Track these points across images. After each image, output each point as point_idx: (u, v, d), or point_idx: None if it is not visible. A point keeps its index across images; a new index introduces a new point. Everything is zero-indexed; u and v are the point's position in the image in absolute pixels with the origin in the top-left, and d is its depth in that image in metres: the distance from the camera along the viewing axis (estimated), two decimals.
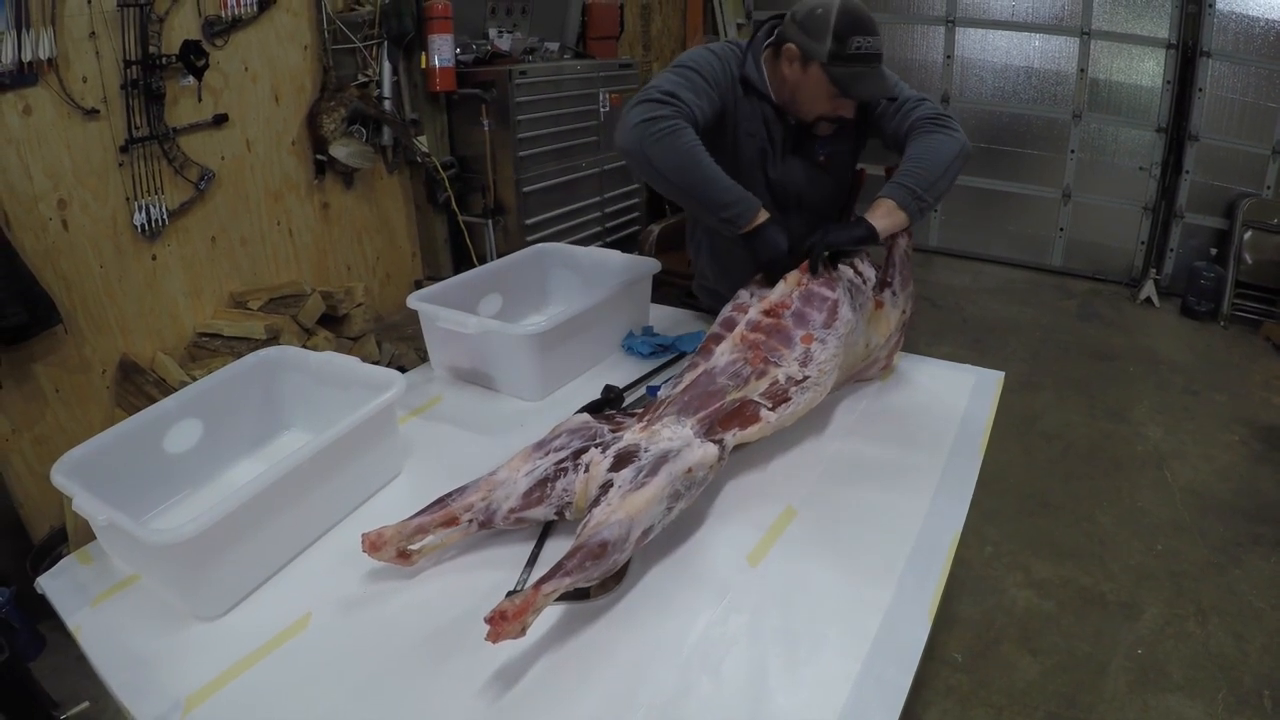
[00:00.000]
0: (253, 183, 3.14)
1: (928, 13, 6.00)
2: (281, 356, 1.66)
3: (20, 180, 2.43)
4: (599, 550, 1.12)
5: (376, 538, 1.23)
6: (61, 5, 2.44)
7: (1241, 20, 5.05)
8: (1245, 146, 5.23)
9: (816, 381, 1.52)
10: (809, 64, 1.75)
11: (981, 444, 1.66)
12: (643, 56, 5.73)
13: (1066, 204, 5.91)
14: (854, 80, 1.72)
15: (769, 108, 1.90)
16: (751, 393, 1.47)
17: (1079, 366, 4.46)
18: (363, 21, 3.38)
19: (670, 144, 1.63)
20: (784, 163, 1.96)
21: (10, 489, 2.54)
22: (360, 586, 1.25)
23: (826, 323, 1.57)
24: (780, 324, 1.58)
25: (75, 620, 1.22)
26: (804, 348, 1.54)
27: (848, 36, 1.68)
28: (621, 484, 1.22)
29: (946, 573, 1.27)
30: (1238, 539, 2.96)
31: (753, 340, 1.56)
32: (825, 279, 1.64)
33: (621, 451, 1.29)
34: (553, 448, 1.34)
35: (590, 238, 4.33)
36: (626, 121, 1.67)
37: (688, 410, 1.39)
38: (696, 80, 1.75)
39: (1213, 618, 2.57)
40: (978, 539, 2.91)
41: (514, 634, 1.02)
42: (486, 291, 2.13)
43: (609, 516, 1.16)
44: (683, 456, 1.28)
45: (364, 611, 1.21)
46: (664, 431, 1.33)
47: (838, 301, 1.60)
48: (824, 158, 1.98)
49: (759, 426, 1.43)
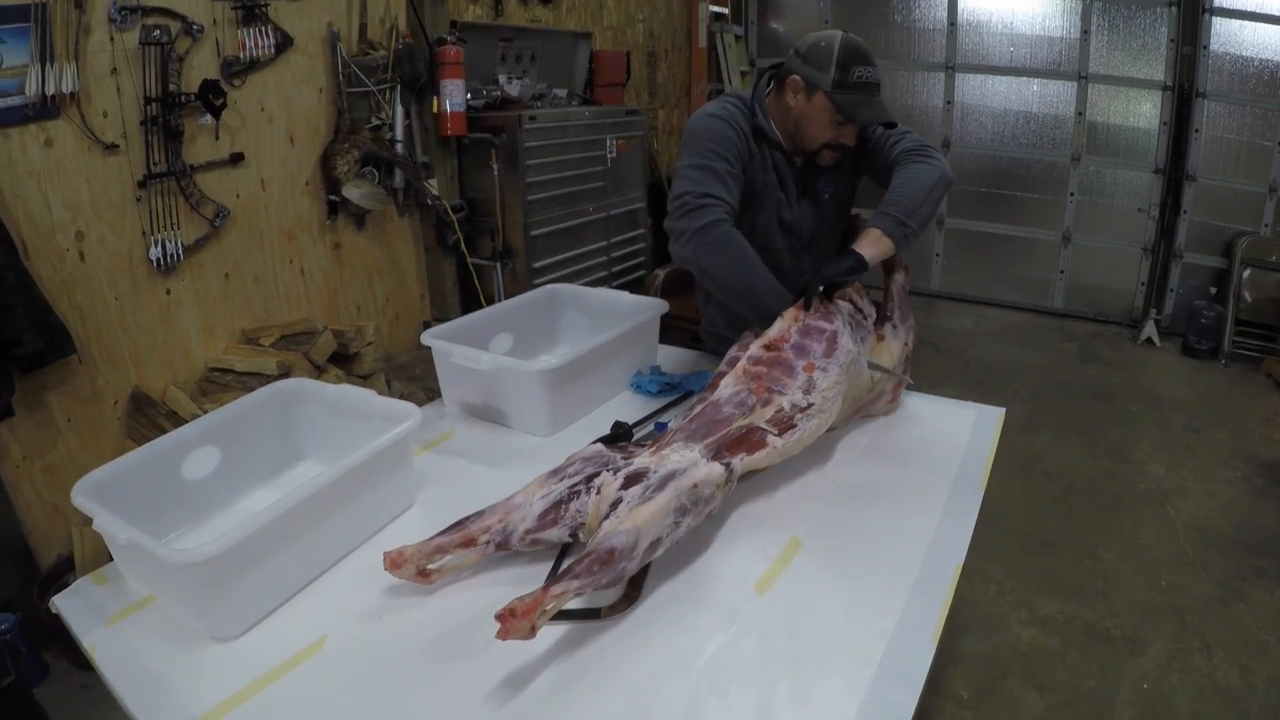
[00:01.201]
0: (267, 221, 3.20)
1: (928, 59, 6.12)
2: (298, 388, 1.71)
3: (40, 211, 2.49)
4: (607, 556, 1.16)
5: (397, 555, 1.27)
6: (85, 41, 2.51)
7: (1235, 61, 5.16)
8: (1242, 185, 5.32)
9: (821, 409, 1.56)
10: (814, 93, 1.85)
11: (983, 477, 1.68)
12: (649, 103, 5.84)
13: (1067, 246, 5.98)
14: (856, 106, 1.82)
15: (779, 154, 1.99)
16: (757, 420, 1.50)
17: (1080, 407, 4.49)
18: (376, 66, 3.46)
19: (723, 253, 1.77)
20: (797, 205, 2.04)
21: (19, 515, 2.55)
22: (375, 608, 1.28)
23: (827, 352, 1.62)
24: (781, 356, 1.62)
25: (90, 639, 1.24)
26: (806, 376, 1.58)
27: (850, 66, 1.80)
28: (630, 500, 1.26)
29: (950, 599, 1.30)
30: (1241, 573, 2.97)
31: (755, 372, 1.60)
32: (823, 312, 1.69)
33: (631, 473, 1.33)
34: (567, 474, 1.38)
35: (597, 281, 4.37)
36: (675, 233, 1.79)
37: (695, 436, 1.43)
38: (721, 166, 1.84)
39: (1218, 651, 2.57)
40: (981, 577, 2.92)
41: (522, 633, 1.05)
42: (498, 330, 2.18)
43: (617, 526, 1.20)
44: (689, 474, 1.32)
45: (378, 635, 1.23)
46: (673, 456, 1.37)
47: (836, 332, 1.65)
48: (828, 195, 2.07)
49: (765, 452, 1.46)
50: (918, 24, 6.11)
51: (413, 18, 3.63)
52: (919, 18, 6.09)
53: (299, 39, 3.17)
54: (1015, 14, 5.79)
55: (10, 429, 2.47)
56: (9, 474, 2.51)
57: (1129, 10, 5.43)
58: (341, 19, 3.35)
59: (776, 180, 2.00)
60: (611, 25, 5.32)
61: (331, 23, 3.30)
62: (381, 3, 3.51)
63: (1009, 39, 5.86)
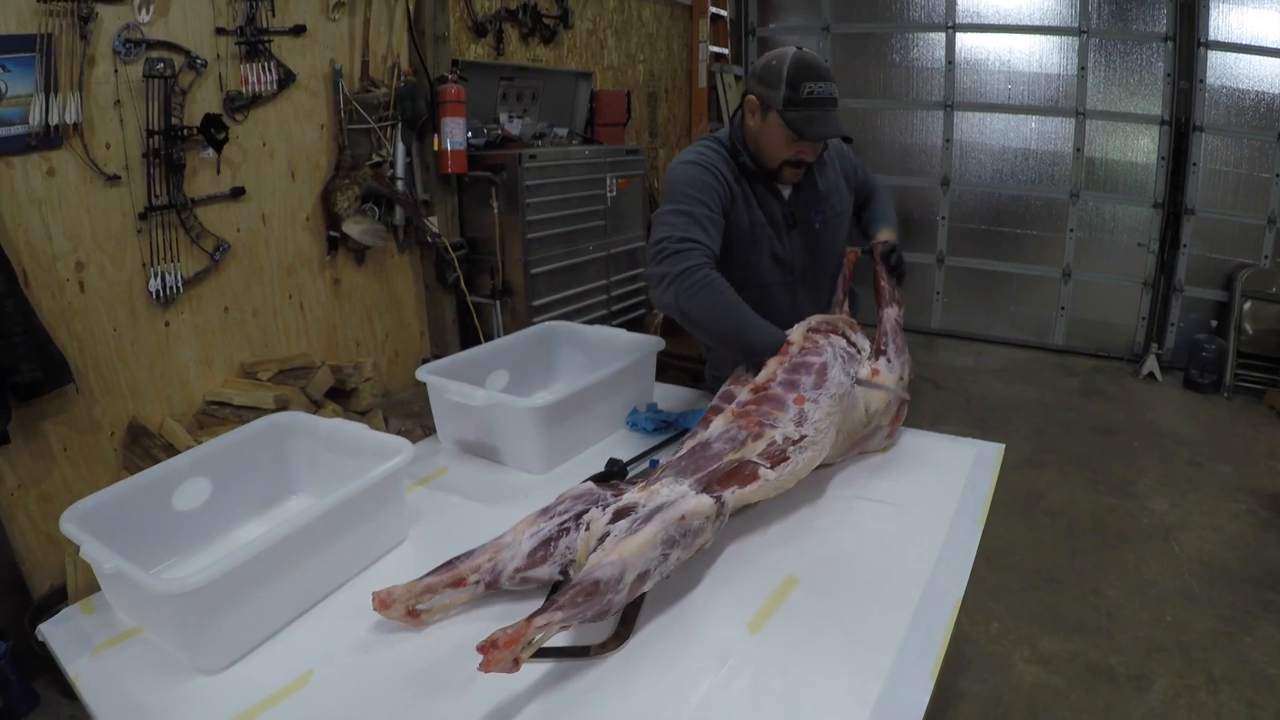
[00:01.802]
0: (267, 256, 3.22)
1: (927, 98, 6.16)
2: (292, 422, 1.70)
3: (40, 240, 2.50)
4: (592, 588, 1.15)
5: (386, 596, 1.25)
6: (89, 72, 2.53)
7: (1232, 94, 5.21)
8: (1241, 218, 5.34)
9: (814, 440, 1.55)
10: (768, 112, 1.88)
11: (982, 513, 1.67)
12: (649, 143, 5.87)
13: (1067, 283, 5.98)
14: (807, 123, 1.84)
15: (765, 188, 2.00)
16: (749, 454, 1.50)
17: (1082, 443, 4.46)
18: (378, 103, 3.49)
19: (704, 298, 1.76)
20: (788, 238, 2.05)
21: (13, 544, 2.54)
22: (363, 643, 1.27)
23: (816, 384, 1.62)
24: (771, 393, 1.62)
25: (75, 668, 1.24)
26: (798, 409, 1.58)
27: (800, 83, 1.82)
28: (618, 533, 1.25)
29: (948, 637, 1.28)
30: (1247, 607, 2.94)
31: (745, 410, 1.59)
32: (811, 347, 1.69)
33: (620, 509, 1.32)
34: (557, 512, 1.37)
35: (597, 320, 4.35)
36: (655, 279, 1.79)
37: (685, 473, 1.42)
38: (700, 211, 1.85)
39: (1225, 687, 2.53)
40: (983, 615, 2.89)
41: (505, 665, 1.04)
42: (494, 367, 2.18)
43: (603, 559, 1.19)
44: (676, 505, 1.31)
45: (364, 670, 1.22)
46: (662, 490, 1.36)
47: (826, 364, 1.65)
48: (819, 224, 2.08)
49: (758, 485, 1.45)
50: (916, 63, 6.17)
51: (415, 56, 3.67)
52: (917, 57, 6.15)
53: (301, 75, 3.20)
54: (1013, 52, 5.85)
55: (6, 457, 2.46)
56: (3, 502, 2.49)
57: (1125, 46, 5.49)
58: (344, 56, 3.39)
59: (765, 218, 2.01)
60: (612, 65, 5.37)
61: (334, 60, 3.34)
62: (384, 41, 3.55)
63: (1007, 77, 5.92)
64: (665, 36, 5.97)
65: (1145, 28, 5.41)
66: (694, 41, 6.20)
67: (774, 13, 6.78)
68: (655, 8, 5.78)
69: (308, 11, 3.20)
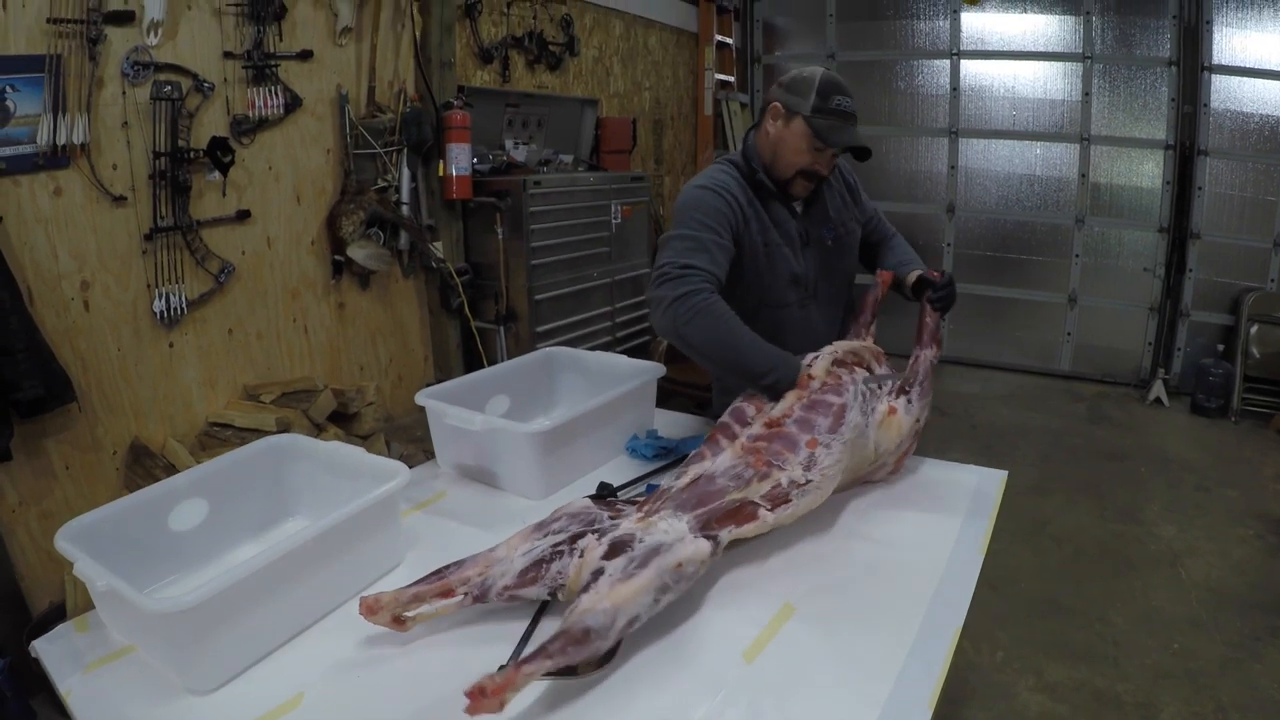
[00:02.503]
0: (271, 279, 3.23)
1: (932, 125, 6.20)
2: (291, 444, 1.70)
3: (46, 259, 2.51)
4: (582, 636, 1.13)
5: (374, 602, 1.26)
6: (97, 93, 2.55)
7: (1236, 117, 5.23)
8: (1247, 241, 5.35)
9: (819, 485, 1.54)
10: (792, 118, 1.93)
11: (984, 542, 1.65)
12: (655, 170, 5.90)
13: (1073, 308, 5.98)
14: (831, 130, 1.89)
15: (780, 206, 2.03)
16: (752, 494, 1.48)
17: (1089, 469, 4.44)
18: (384, 129, 3.51)
19: (701, 323, 1.74)
20: (803, 254, 2.07)
21: (13, 561, 2.53)
22: (354, 669, 1.26)
23: (832, 427, 1.59)
24: (784, 430, 1.60)
25: (67, 685, 1.23)
26: (809, 452, 1.55)
27: (830, 94, 1.90)
28: (612, 573, 1.23)
29: (947, 665, 1.26)
30: (1256, 633, 2.91)
31: (755, 447, 1.58)
32: (833, 384, 1.67)
33: (616, 540, 1.30)
34: (552, 530, 1.36)
35: (601, 346, 4.34)
36: (655, 303, 1.80)
37: (685, 506, 1.41)
38: (707, 237, 1.85)
39: (1233, 715, 2.50)
40: (988, 643, 2.86)
41: (492, 710, 1.03)
42: (495, 392, 2.18)
43: (595, 605, 1.18)
44: (674, 551, 1.29)
45: (356, 693, 1.21)
46: (660, 524, 1.35)
47: (845, 405, 1.63)
48: (830, 241, 2.12)
49: (755, 525, 1.44)
50: (921, 90, 6.21)
51: (421, 82, 3.70)
52: (922, 84, 6.19)
53: (308, 100, 3.22)
54: (1017, 78, 5.89)
55: (8, 474, 2.46)
56: (4, 518, 2.49)
57: (1129, 71, 5.53)
58: (350, 81, 3.42)
59: (780, 236, 2.02)
60: (618, 92, 5.41)
61: (340, 85, 3.36)
62: (390, 66, 3.58)
63: (1011, 103, 5.95)
64: (671, 64, 6.01)
65: (1149, 52, 5.45)
66: (700, 69, 6.25)
67: (780, 41, 6.84)
68: (661, 35, 5.83)
69: (315, 37, 3.24)
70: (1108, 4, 5.50)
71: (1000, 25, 5.88)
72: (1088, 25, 5.56)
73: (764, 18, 6.80)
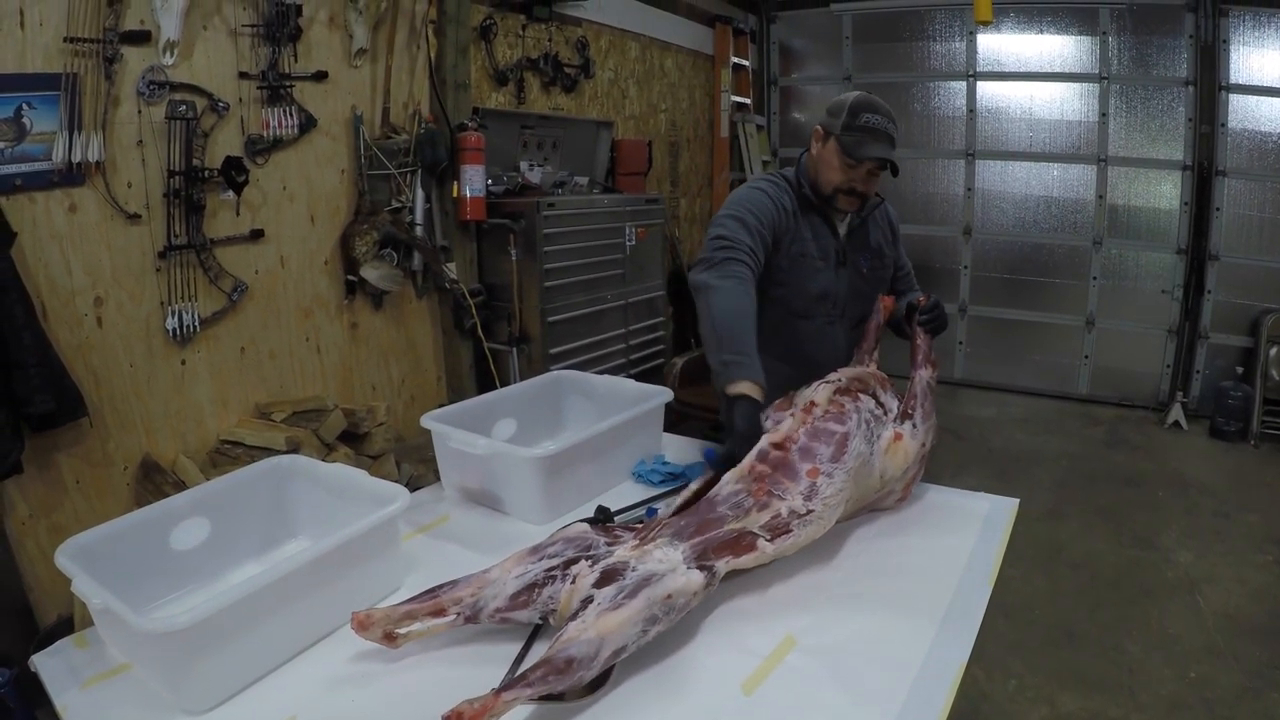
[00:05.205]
0: (284, 298, 3.24)
1: (948, 147, 6.18)
2: (293, 465, 1.71)
3: (60, 275, 2.53)
4: (564, 666, 1.13)
5: (366, 618, 1.27)
6: (113, 112, 2.58)
7: (1254, 137, 5.19)
8: (1266, 262, 5.29)
9: (820, 515, 1.52)
10: (828, 139, 2.05)
11: (993, 572, 1.62)
12: (670, 192, 5.90)
13: (1090, 331, 5.93)
14: (857, 145, 2.00)
15: (823, 222, 2.15)
16: (751, 524, 1.47)
17: (1106, 494, 4.38)
18: (398, 149, 3.53)
19: (726, 288, 1.88)
20: (836, 273, 2.17)
21: (22, 572, 2.54)
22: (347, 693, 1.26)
23: (835, 456, 1.58)
24: (786, 458, 1.58)
25: (63, 701, 1.24)
26: (810, 481, 1.54)
27: (860, 113, 2.01)
28: (601, 602, 1.22)
29: (952, 697, 1.24)
30: (1274, 662, 2.86)
31: (759, 472, 1.56)
32: (835, 412, 1.66)
33: (608, 568, 1.29)
34: (547, 554, 1.36)
35: (614, 369, 4.33)
36: (702, 263, 1.95)
37: (682, 535, 1.40)
38: (753, 222, 2.01)
39: None
40: (1001, 672, 2.81)
41: None
42: (502, 415, 2.18)
43: (580, 634, 1.17)
44: (664, 582, 1.28)
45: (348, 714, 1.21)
46: (655, 553, 1.33)
47: (848, 434, 1.61)
48: (867, 269, 2.23)
49: (754, 555, 1.43)
50: (937, 112, 6.20)
51: (435, 103, 3.72)
52: (938, 105, 6.19)
53: (323, 120, 3.25)
54: (1034, 100, 5.87)
55: (19, 486, 2.48)
56: (14, 530, 2.50)
57: (1146, 92, 5.50)
58: (365, 102, 3.44)
59: (818, 250, 2.14)
60: (634, 114, 5.43)
61: (355, 106, 3.39)
62: (405, 87, 3.61)
63: (1028, 124, 5.93)
64: (687, 86, 6.03)
65: (1166, 73, 5.42)
66: (716, 91, 6.25)
67: (796, 63, 6.86)
68: (677, 58, 5.85)
69: (330, 58, 3.26)
70: (1124, 24, 5.48)
71: (1016, 46, 5.88)
72: (1104, 46, 5.54)
73: (780, 40, 6.81)
